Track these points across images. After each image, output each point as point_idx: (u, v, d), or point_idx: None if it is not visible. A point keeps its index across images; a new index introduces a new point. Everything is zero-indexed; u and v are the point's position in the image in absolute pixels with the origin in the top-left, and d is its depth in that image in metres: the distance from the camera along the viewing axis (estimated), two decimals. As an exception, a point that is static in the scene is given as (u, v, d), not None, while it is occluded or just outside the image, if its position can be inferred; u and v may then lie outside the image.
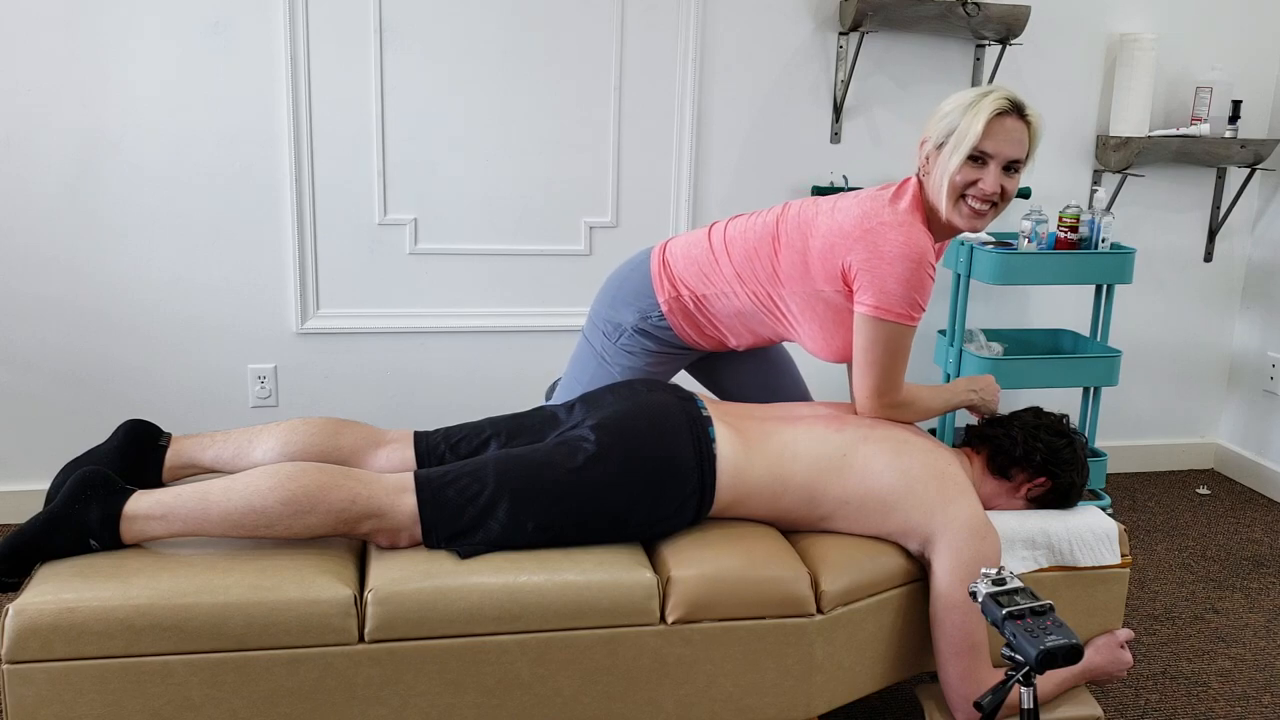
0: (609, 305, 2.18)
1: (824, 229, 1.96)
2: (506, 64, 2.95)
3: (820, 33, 3.12)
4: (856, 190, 2.04)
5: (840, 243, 1.92)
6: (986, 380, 2.18)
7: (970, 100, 1.90)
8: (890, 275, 1.87)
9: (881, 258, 1.88)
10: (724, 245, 2.08)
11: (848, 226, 1.92)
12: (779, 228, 2.03)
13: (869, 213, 1.92)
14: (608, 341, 2.17)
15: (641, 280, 2.14)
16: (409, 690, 1.67)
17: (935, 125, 1.93)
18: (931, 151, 1.94)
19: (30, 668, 1.56)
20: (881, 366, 1.93)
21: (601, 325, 2.18)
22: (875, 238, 1.89)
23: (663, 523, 1.82)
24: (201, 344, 2.95)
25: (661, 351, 2.16)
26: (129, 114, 2.77)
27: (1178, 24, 3.33)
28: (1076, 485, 2.02)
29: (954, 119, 1.90)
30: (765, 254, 2.03)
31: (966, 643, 1.81)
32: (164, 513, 1.67)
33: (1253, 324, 3.59)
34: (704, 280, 2.08)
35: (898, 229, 1.89)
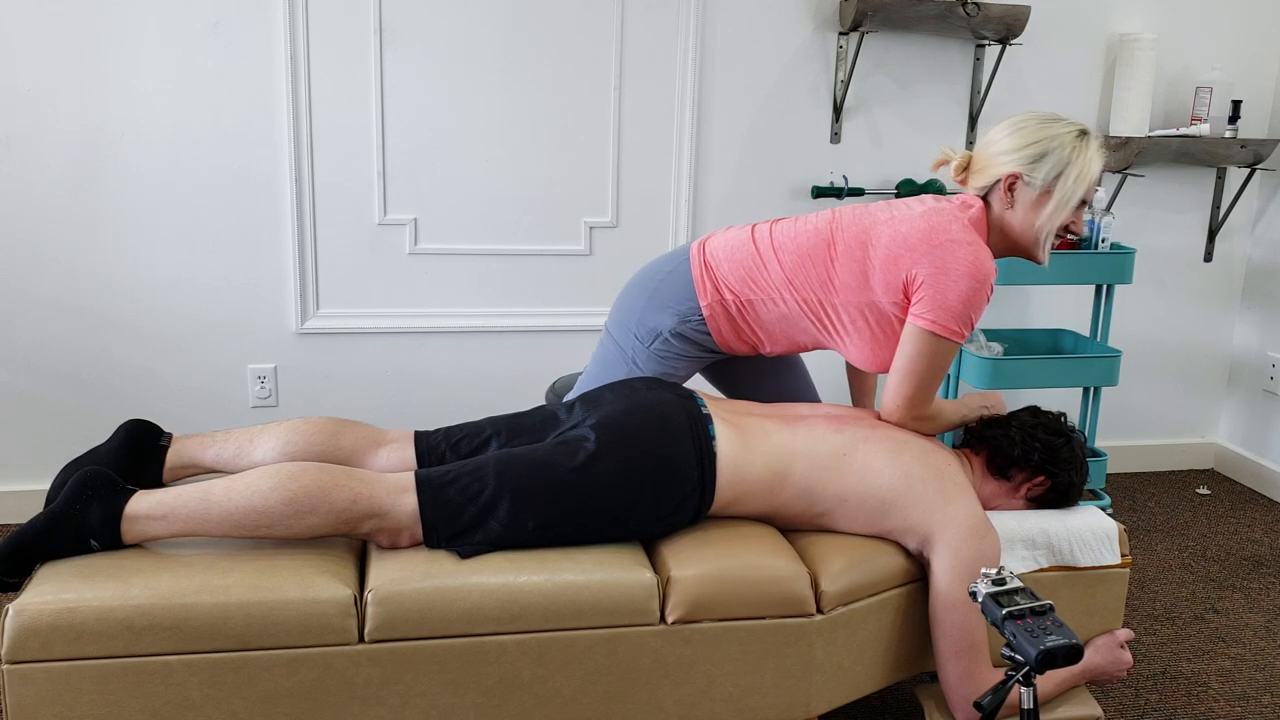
0: (643, 308, 2.10)
1: (886, 239, 1.92)
2: (506, 64, 2.95)
3: (820, 33, 3.12)
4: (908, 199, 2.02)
5: (905, 254, 1.90)
6: (995, 396, 2.19)
7: (1072, 141, 1.90)
8: (953, 291, 1.86)
9: (948, 273, 1.86)
10: (772, 249, 2.03)
11: (914, 239, 1.90)
12: (834, 235, 1.98)
13: (936, 226, 1.90)
14: (640, 345, 2.09)
15: (681, 283, 2.07)
16: (409, 690, 1.67)
17: (1031, 163, 1.91)
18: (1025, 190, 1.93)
19: (30, 668, 1.56)
20: (922, 378, 1.91)
21: (634, 329, 2.10)
22: (944, 253, 1.87)
23: (663, 521, 1.82)
24: (201, 344, 2.95)
25: (693, 355, 2.11)
26: (129, 114, 2.77)
27: (1178, 24, 3.33)
28: (1075, 484, 2.02)
29: (1058, 161, 1.90)
30: (820, 260, 1.98)
31: (966, 642, 1.81)
32: (165, 513, 1.67)
33: (1253, 324, 3.59)
34: (750, 285, 2.03)
35: (967, 247, 1.87)
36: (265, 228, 2.91)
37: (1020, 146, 1.92)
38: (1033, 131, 1.93)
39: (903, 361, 1.92)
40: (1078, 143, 1.91)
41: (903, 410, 1.94)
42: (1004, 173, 1.94)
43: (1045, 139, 1.91)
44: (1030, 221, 1.94)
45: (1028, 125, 1.94)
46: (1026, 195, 1.93)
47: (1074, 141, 1.91)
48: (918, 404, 1.94)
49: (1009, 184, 1.94)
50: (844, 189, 3.17)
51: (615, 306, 2.18)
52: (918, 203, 1.99)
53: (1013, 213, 1.95)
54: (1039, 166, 1.91)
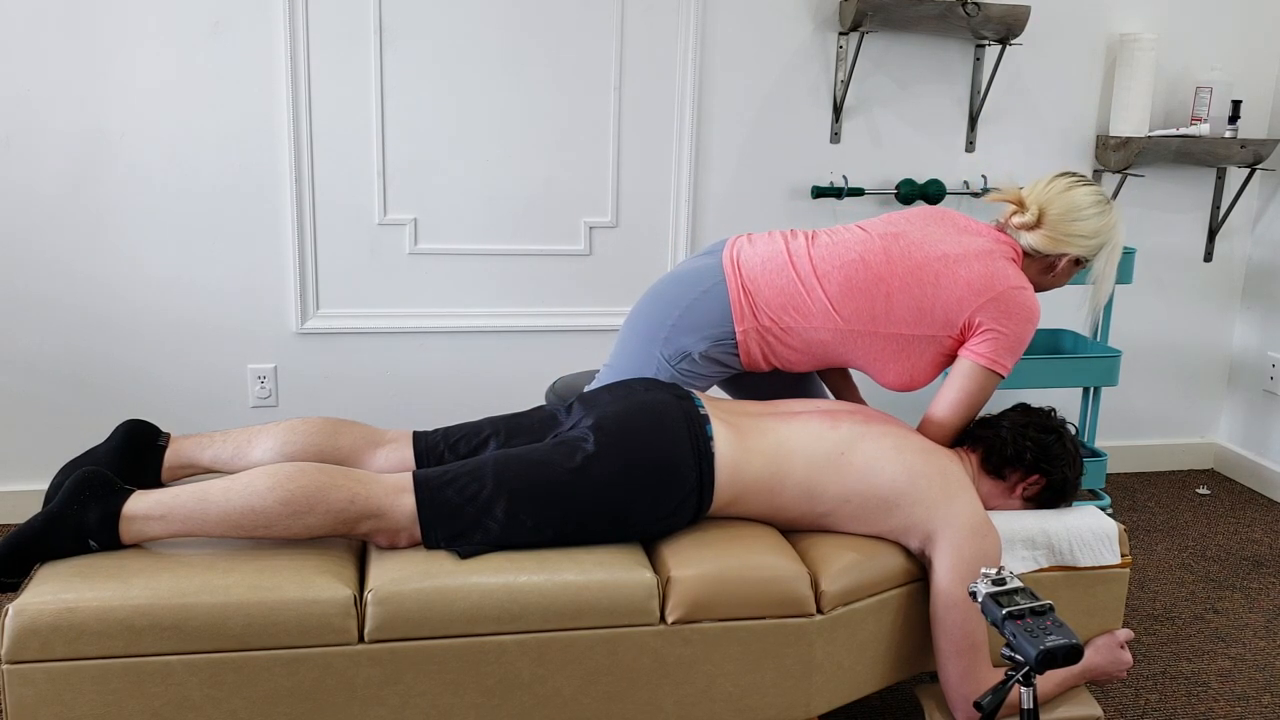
0: (673, 326, 2.06)
1: (945, 280, 2.00)
2: (506, 64, 2.95)
3: (820, 33, 3.12)
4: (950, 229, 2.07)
5: (970, 298, 1.99)
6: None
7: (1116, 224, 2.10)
8: (1013, 334, 1.99)
9: (1011, 318, 1.99)
10: (815, 276, 2.02)
11: (978, 285, 1.99)
12: (888, 269, 2.01)
13: (997, 273, 2.00)
14: (664, 363, 2.06)
15: (717, 305, 2.04)
16: (409, 690, 1.67)
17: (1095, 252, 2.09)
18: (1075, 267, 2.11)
19: (30, 668, 1.56)
20: (972, 410, 2.04)
21: (660, 346, 2.06)
22: (1007, 301, 1.99)
23: (662, 521, 1.82)
24: (201, 344, 2.95)
25: (715, 375, 2.11)
26: (129, 114, 2.77)
27: (1178, 24, 3.33)
28: (1070, 480, 2.02)
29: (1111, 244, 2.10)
30: (870, 295, 2.01)
31: (966, 642, 1.81)
32: (163, 513, 1.67)
33: (1253, 324, 3.59)
34: (791, 312, 2.02)
35: (1023, 293, 2.01)
36: (265, 228, 2.91)
37: (1094, 234, 2.08)
38: (1098, 219, 2.08)
39: (959, 395, 2.02)
40: (1117, 230, 2.11)
41: (946, 436, 2.05)
42: (1074, 254, 2.09)
43: (1106, 228, 2.09)
44: (1053, 282, 2.14)
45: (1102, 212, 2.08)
46: (1074, 270, 2.13)
47: (1116, 229, 2.11)
48: (959, 430, 2.07)
49: (1072, 261, 2.10)
50: (844, 189, 3.17)
51: (637, 316, 2.12)
52: (964, 236, 2.06)
53: (1055, 278, 2.13)
54: (1100, 255, 2.11)
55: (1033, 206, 2.08)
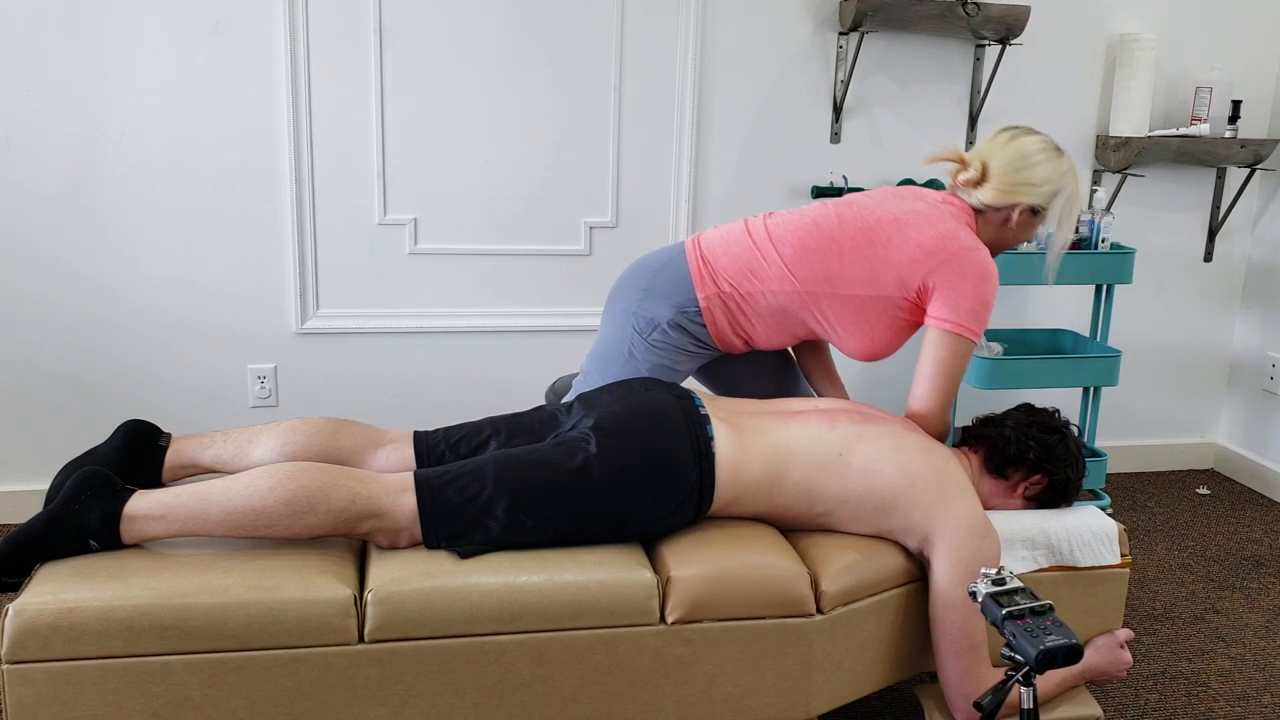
0: (640, 300, 2.12)
1: (897, 241, 2.02)
2: (506, 64, 2.95)
3: (820, 33, 3.12)
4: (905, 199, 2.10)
5: (922, 260, 2.00)
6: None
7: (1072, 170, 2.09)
8: (970, 294, 1.98)
9: (965, 278, 1.98)
10: (770, 241, 2.08)
11: (929, 246, 2.00)
12: (839, 230, 2.05)
13: (947, 234, 2.01)
14: (638, 337, 2.11)
15: (678, 275, 2.10)
16: (409, 690, 1.67)
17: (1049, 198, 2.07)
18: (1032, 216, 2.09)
19: (30, 668, 1.56)
20: (949, 382, 2.02)
21: (631, 320, 2.13)
22: (959, 261, 1.99)
23: (663, 522, 1.82)
24: (201, 344, 2.95)
25: (689, 349, 2.13)
26: (129, 114, 2.77)
27: (1178, 24, 3.33)
28: (1073, 481, 2.02)
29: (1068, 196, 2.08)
30: (823, 254, 2.04)
31: (966, 642, 1.81)
32: (164, 513, 1.67)
33: (1253, 324, 3.59)
34: (749, 277, 2.07)
35: (975, 252, 2.01)
36: (265, 228, 2.91)
37: (1043, 182, 2.07)
38: (1054, 166, 2.07)
39: (932, 366, 2.01)
40: (1074, 177, 2.10)
41: (935, 411, 2.04)
42: (1026, 204, 2.07)
43: (1059, 174, 2.07)
44: (1014, 237, 2.12)
45: (1050, 158, 2.08)
46: (1032, 221, 2.11)
47: (1073, 175, 2.10)
48: (946, 405, 2.04)
49: (1025, 211, 2.08)
50: (844, 189, 3.17)
51: (610, 300, 2.21)
52: (917, 201, 2.08)
53: (1013, 231, 2.11)
54: (1055, 201, 2.09)
55: (975, 161, 2.09)
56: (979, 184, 2.09)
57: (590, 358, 2.21)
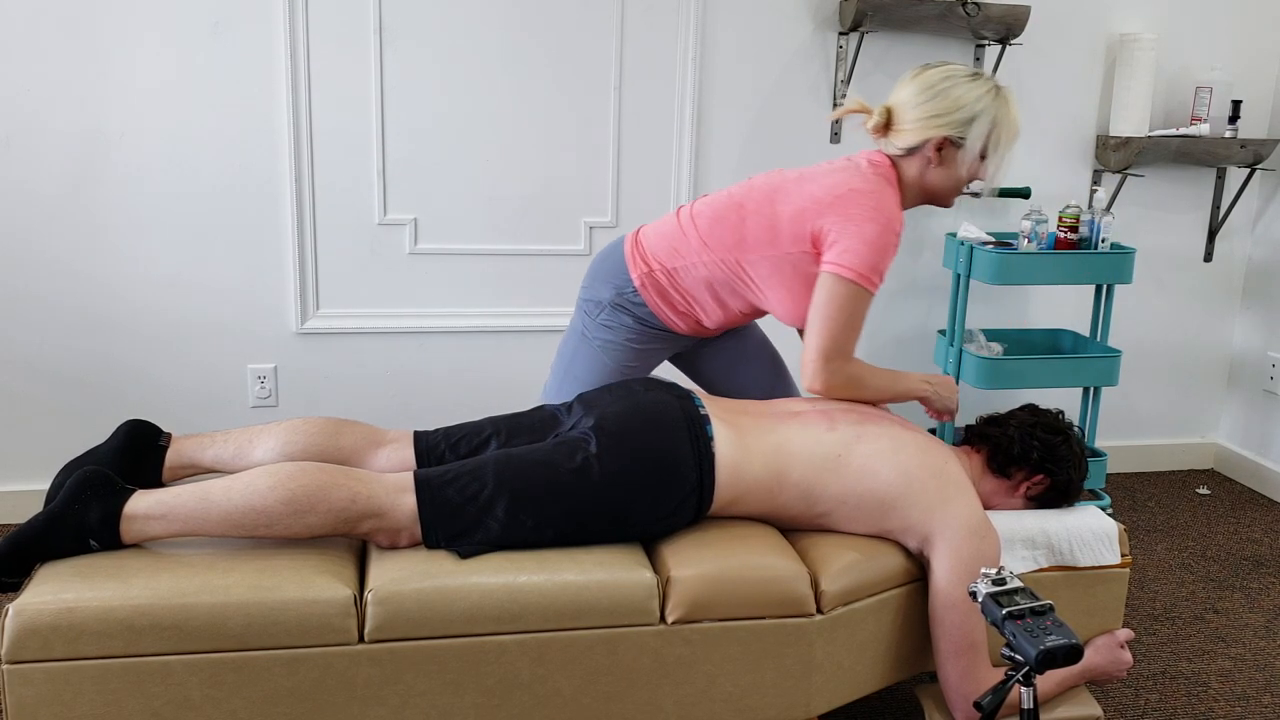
0: (588, 286, 2.24)
1: (794, 195, 2.01)
2: (506, 64, 2.95)
3: (820, 33, 3.12)
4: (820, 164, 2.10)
5: (811, 208, 1.98)
6: (946, 380, 2.18)
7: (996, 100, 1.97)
8: (858, 236, 1.92)
9: (853, 219, 1.93)
10: (690, 218, 2.13)
11: (819, 194, 1.98)
12: (746, 196, 2.08)
13: (840, 181, 1.99)
14: (588, 319, 2.21)
15: (616, 260, 2.20)
16: (409, 690, 1.67)
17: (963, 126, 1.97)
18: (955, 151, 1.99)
19: (30, 668, 1.56)
20: (835, 326, 1.95)
21: (583, 305, 2.24)
22: (848, 202, 1.95)
23: (663, 521, 1.82)
24: (201, 344, 2.95)
25: (640, 329, 2.18)
26: (129, 114, 2.77)
27: (1178, 24, 3.32)
28: (1075, 482, 2.02)
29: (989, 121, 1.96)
30: (731, 221, 2.07)
31: (966, 642, 1.81)
32: (164, 512, 1.67)
33: (1253, 324, 3.59)
34: (673, 254, 2.12)
35: (869, 195, 1.95)
36: (265, 228, 2.91)
37: (950, 110, 1.97)
38: (961, 93, 1.97)
39: (815, 311, 1.97)
40: (1000, 101, 1.98)
41: (819, 363, 1.96)
42: (935, 137, 1.98)
43: (972, 100, 1.96)
44: (957, 179, 2.02)
45: (955, 85, 1.97)
46: (959, 156, 1.99)
47: (996, 101, 1.97)
48: (833, 357, 1.96)
49: (938, 146, 1.99)
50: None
51: None
52: (826, 164, 2.09)
53: (939, 171, 2.01)
54: (971, 128, 1.97)
55: (879, 107, 2.05)
56: (887, 129, 2.04)
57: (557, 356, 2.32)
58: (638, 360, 2.21)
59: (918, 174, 2.03)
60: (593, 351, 2.20)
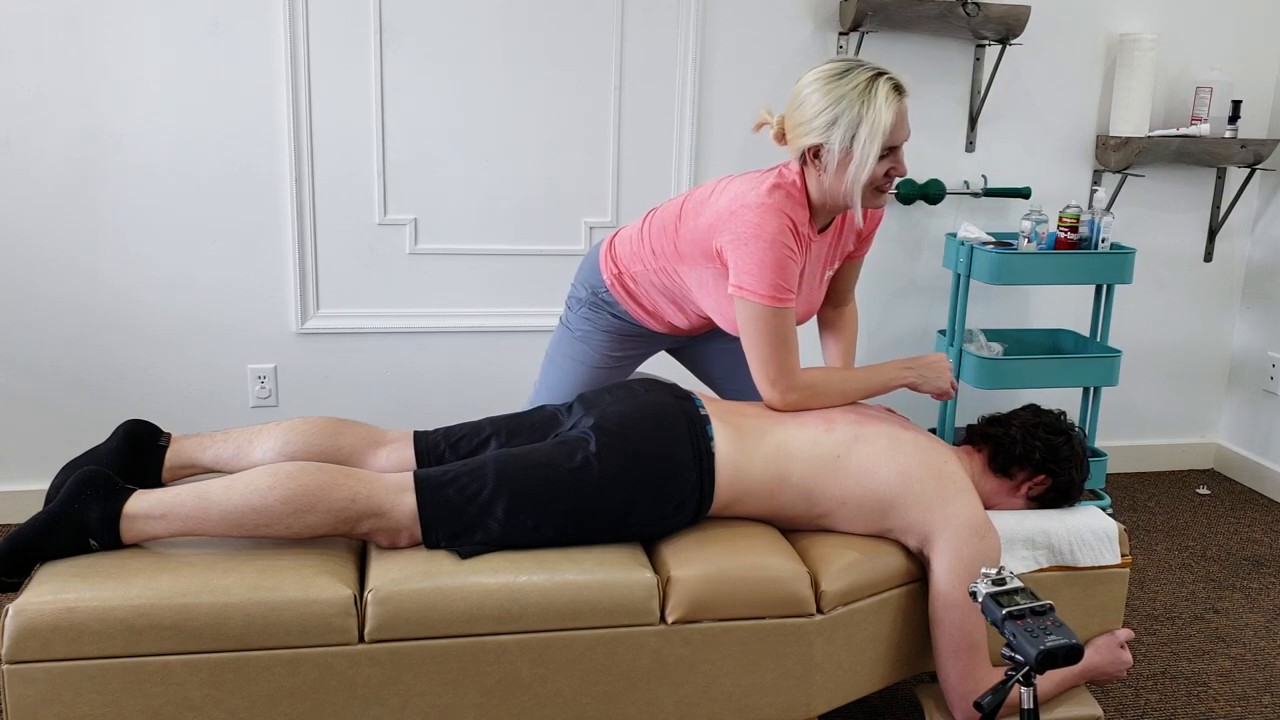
0: (572, 284, 2.30)
1: (709, 209, 2.00)
2: (507, 64, 2.95)
3: (820, 33, 3.12)
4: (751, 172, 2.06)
5: (714, 223, 1.96)
6: (932, 359, 2.10)
7: (861, 89, 1.82)
8: (748, 257, 1.88)
9: (740, 239, 1.89)
10: (648, 225, 2.15)
11: (721, 208, 1.96)
12: (684, 206, 2.08)
13: (738, 194, 1.95)
14: (570, 313, 2.28)
15: (591, 262, 2.25)
16: (409, 690, 1.67)
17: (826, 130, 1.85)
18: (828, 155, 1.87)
19: (30, 668, 1.56)
20: (765, 348, 1.91)
21: (569, 302, 2.30)
22: (736, 220, 1.90)
23: (662, 521, 1.82)
24: (201, 344, 2.95)
25: (618, 325, 2.22)
26: (129, 114, 2.77)
27: (1178, 24, 3.32)
28: (1076, 482, 2.02)
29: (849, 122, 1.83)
30: (669, 233, 2.08)
31: (966, 641, 1.81)
32: (164, 512, 1.67)
33: (1253, 324, 3.59)
34: (633, 259, 2.15)
35: (754, 210, 1.88)
36: (265, 228, 2.91)
37: (816, 114, 1.86)
38: (824, 94, 1.85)
39: (744, 340, 1.95)
40: (865, 94, 1.83)
41: (768, 389, 1.94)
42: (805, 145, 1.90)
43: (834, 101, 1.84)
44: (839, 183, 1.89)
45: (820, 87, 1.86)
46: (830, 161, 1.88)
47: (862, 95, 1.83)
48: (775, 378, 1.92)
49: (813, 154, 1.90)
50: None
51: None
52: (749, 174, 2.04)
53: (824, 178, 1.90)
54: (833, 132, 1.85)
55: (775, 116, 1.98)
56: (783, 139, 1.98)
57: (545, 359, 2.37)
58: (620, 350, 2.25)
59: (815, 183, 1.93)
60: (573, 341, 2.27)
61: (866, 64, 1.87)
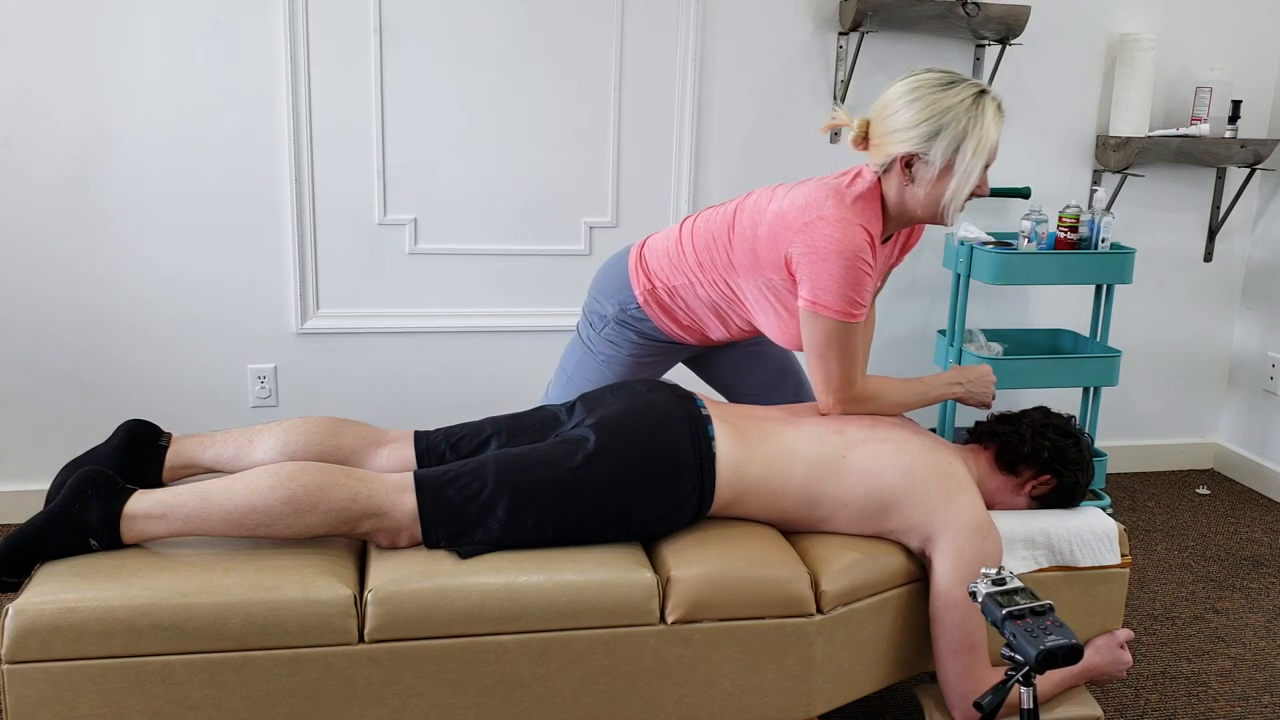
0: (593, 298, 2.22)
1: (770, 217, 1.95)
2: (507, 64, 2.95)
3: (820, 33, 3.12)
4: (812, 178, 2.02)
5: (783, 232, 1.92)
6: (979, 371, 2.13)
7: (968, 110, 1.82)
8: (824, 272, 1.86)
9: (817, 253, 1.86)
10: (690, 236, 2.10)
11: (790, 217, 1.91)
12: (735, 216, 2.03)
13: (811, 204, 1.89)
14: (593, 332, 2.21)
15: (619, 274, 2.17)
16: (409, 690, 1.67)
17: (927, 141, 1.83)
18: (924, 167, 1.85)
19: (30, 668, 1.56)
20: (830, 362, 1.91)
21: (589, 316, 2.22)
22: (812, 232, 1.87)
23: (663, 521, 1.82)
24: (201, 344, 2.95)
25: (644, 343, 2.17)
26: (129, 114, 2.77)
27: (1178, 24, 3.32)
28: (1080, 485, 2.03)
29: (954, 135, 1.81)
30: (721, 242, 2.04)
31: (966, 641, 1.81)
32: (164, 512, 1.67)
33: (1253, 324, 3.59)
34: (674, 271, 2.10)
35: (835, 225, 1.85)
36: (265, 228, 2.91)
37: (915, 123, 1.83)
38: (927, 104, 1.83)
39: (807, 349, 1.94)
40: (973, 110, 1.81)
41: (826, 396, 1.95)
42: (899, 153, 1.86)
43: (939, 113, 1.82)
44: (934, 197, 1.87)
45: (921, 96, 1.84)
46: (926, 172, 1.85)
47: (969, 110, 1.81)
48: (839, 387, 1.93)
49: (905, 163, 1.86)
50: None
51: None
52: (812, 181, 1.98)
53: (913, 189, 1.88)
54: (935, 144, 1.82)
55: (858, 120, 1.95)
56: (864, 143, 1.95)
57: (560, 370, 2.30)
58: (642, 372, 2.20)
59: (896, 193, 1.90)
60: (596, 365, 2.20)
61: (969, 79, 1.87)
